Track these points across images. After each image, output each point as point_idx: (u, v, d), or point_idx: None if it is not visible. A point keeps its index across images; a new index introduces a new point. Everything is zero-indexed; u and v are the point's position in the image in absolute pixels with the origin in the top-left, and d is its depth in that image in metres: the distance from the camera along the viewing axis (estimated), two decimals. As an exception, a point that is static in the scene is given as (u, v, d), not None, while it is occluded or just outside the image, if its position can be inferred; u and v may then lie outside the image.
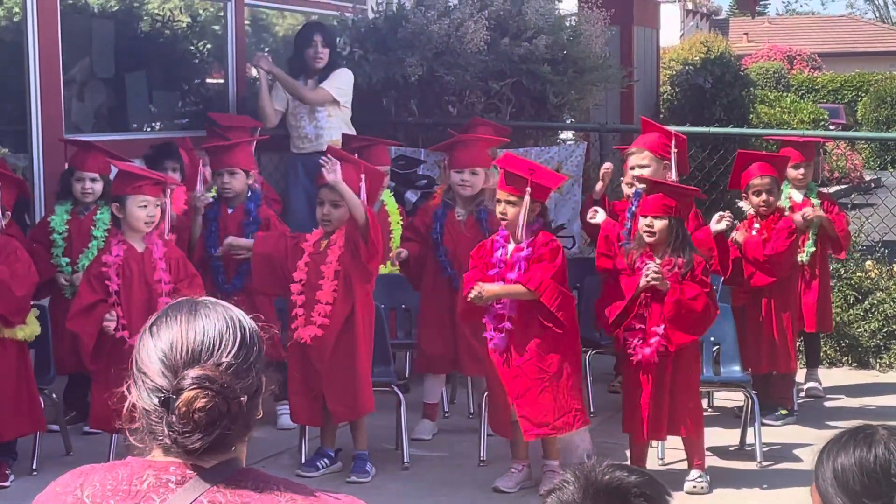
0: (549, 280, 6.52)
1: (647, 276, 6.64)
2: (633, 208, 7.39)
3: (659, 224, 6.73)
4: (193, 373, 2.30)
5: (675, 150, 7.51)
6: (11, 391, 6.80)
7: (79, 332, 6.80)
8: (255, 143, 8.54)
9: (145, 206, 6.75)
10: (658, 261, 6.70)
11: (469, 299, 6.63)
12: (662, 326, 6.67)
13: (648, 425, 6.80)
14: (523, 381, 6.66)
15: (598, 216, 7.52)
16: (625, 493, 2.23)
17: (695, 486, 6.83)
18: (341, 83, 9.57)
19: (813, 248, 8.65)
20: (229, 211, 7.82)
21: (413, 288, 8.03)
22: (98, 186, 7.76)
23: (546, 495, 2.31)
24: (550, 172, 7.05)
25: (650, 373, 6.77)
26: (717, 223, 7.45)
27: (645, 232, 6.77)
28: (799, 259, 8.48)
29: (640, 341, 6.74)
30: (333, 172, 6.81)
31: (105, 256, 6.79)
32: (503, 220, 6.67)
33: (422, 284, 7.93)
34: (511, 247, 6.68)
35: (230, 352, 2.34)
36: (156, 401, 2.32)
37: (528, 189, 6.54)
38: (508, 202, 6.62)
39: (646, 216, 6.77)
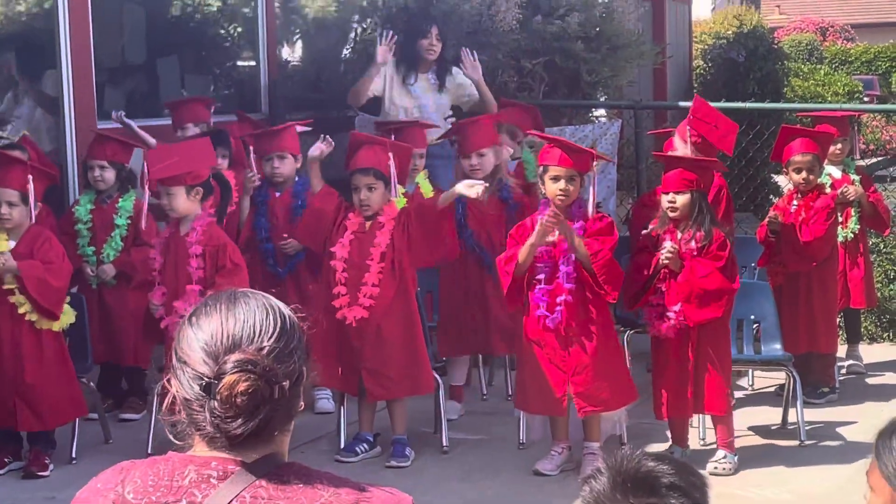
0: (607, 251, 6.50)
1: (663, 256, 6.64)
2: None
3: (681, 199, 6.70)
4: (235, 357, 2.28)
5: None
6: (54, 380, 6.82)
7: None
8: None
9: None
10: (680, 235, 6.68)
11: (544, 222, 6.46)
12: (679, 305, 6.65)
13: (669, 403, 6.78)
14: (580, 358, 6.61)
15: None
16: (655, 482, 2.25)
17: (716, 468, 6.73)
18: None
19: (857, 226, 8.56)
20: (277, 195, 7.80)
21: None
22: (109, 174, 7.71)
23: (583, 483, 2.33)
24: None
25: (671, 349, 6.77)
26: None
27: (668, 208, 6.73)
28: (843, 235, 8.41)
29: (658, 317, 6.73)
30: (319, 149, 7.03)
31: (155, 238, 6.93)
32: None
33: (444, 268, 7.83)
34: None
35: (271, 337, 2.32)
36: (197, 388, 2.29)
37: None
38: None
39: (668, 192, 6.74)
